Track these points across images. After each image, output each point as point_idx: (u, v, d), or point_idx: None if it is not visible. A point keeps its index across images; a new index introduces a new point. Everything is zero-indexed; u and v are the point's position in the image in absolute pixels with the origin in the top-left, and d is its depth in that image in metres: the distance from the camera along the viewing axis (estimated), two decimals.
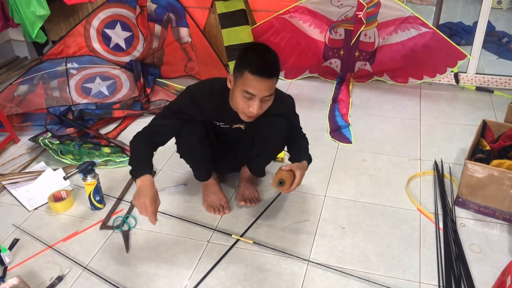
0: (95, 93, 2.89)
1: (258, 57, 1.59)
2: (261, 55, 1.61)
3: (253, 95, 1.60)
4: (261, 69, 1.56)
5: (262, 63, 1.58)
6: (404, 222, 1.92)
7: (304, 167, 1.83)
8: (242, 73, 1.59)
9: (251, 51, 1.64)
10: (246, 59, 1.60)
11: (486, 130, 2.22)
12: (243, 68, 1.59)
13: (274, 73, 1.61)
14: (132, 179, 1.67)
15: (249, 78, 1.57)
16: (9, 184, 2.16)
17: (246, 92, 1.60)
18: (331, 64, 3.18)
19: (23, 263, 1.74)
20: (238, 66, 1.62)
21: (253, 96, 1.60)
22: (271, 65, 1.60)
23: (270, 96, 1.64)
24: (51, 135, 2.46)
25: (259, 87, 1.58)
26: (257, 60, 1.58)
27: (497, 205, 1.90)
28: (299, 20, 3.01)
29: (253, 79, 1.57)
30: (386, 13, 2.88)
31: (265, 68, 1.57)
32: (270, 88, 1.61)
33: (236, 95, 1.64)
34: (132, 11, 3.04)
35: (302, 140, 1.96)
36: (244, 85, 1.59)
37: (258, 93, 1.59)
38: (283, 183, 1.73)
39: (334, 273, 1.68)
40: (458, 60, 2.95)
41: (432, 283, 1.63)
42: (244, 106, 1.64)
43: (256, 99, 1.61)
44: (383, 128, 2.63)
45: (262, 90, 1.59)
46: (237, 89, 1.63)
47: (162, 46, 3.14)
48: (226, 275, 1.68)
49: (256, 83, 1.57)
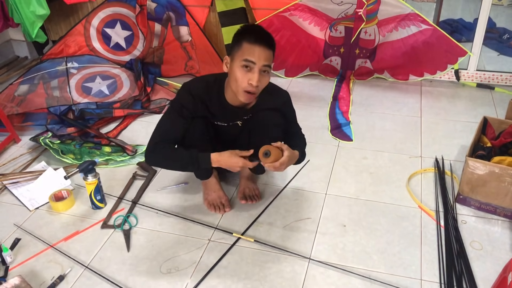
0: (96, 93, 2.89)
1: (254, 29, 1.67)
2: (257, 28, 1.69)
3: (253, 62, 1.62)
4: (259, 37, 1.62)
5: (259, 32, 1.65)
6: (405, 219, 1.92)
7: (295, 154, 1.81)
8: (240, 44, 1.64)
9: (246, 28, 1.70)
10: (243, 33, 1.66)
11: (487, 127, 2.21)
12: (240, 40, 1.64)
13: (271, 43, 1.65)
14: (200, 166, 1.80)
15: (247, 47, 1.62)
16: (10, 184, 2.16)
17: (245, 60, 1.62)
18: (331, 62, 3.17)
19: (24, 263, 1.74)
20: (234, 41, 1.68)
21: (252, 66, 1.62)
22: (267, 35, 1.66)
23: (268, 68, 1.66)
24: (52, 135, 2.46)
25: (258, 54, 1.61)
26: (253, 31, 1.65)
27: (498, 202, 1.90)
28: (299, 18, 3.01)
29: (252, 46, 1.61)
30: (386, 10, 2.88)
31: (262, 36, 1.63)
32: (269, 59, 1.64)
33: (235, 70, 1.66)
34: (132, 10, 3.04)
35: (299, 138, 1.97)
36: (243, 55, 1.62)
37: (257, 61, 1.61)
38: (268, 154, 1.67)
39: (335, 271, 1.68)
40: (458, 57, 2.95)
41: (433, 281, 1.63)
42: (243, 80, 1.65)
43: (255, 69, 1.63)
44: (383, 125, 2.63)
45: (261, 58, 1.62)
46: (236, 63, 1.65)
47: (162, 45, 3.14)
48: (227, 274, 1.68)
49: (254, 50, 1.61)
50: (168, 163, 1.85)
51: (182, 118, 1.79)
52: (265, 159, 1.68)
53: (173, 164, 1.84)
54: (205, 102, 1.79)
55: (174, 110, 1.81)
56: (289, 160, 1.75)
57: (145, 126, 2.68)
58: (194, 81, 1.85)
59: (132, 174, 2.24)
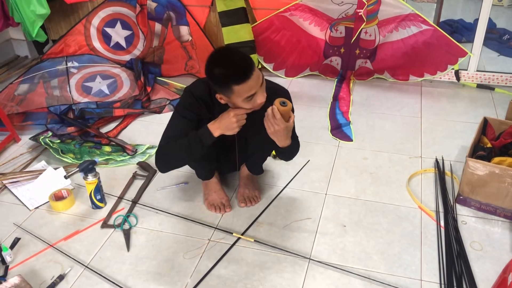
0: (96, 92, 2.89)
1: (230, 66, 1.58)
2: (230, 62, 1.59)
3: (254, 94, 1.62)
4: (241, 73, 1.57)
5: (237, 69, 1.57)
6: (405, 220, 1.92)
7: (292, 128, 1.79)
8: (231, 90, 1.60)
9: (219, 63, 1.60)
10: (222, 75, 1.58)
11: (487, 128, 2.21)
12: (227, 85, 1.59)
13: (252, 67, 1.59)
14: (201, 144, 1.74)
15: (238, 88, 1.58)
16: (10, 183, 2.16)
17: (248, 97, 1.62)
18: (331, 62, 3.17)
19: (24, 262, 1.74)
20: (220, 86, 1.62)
21: (254, 93, 1.62)
22: (244, 64, 1.58)
23: (263, 81, 1.66)
24: (52, 134, 2.46)
25: (252, 85, 1.60)
26: (233, 69, 1.57)
27: (498, 203, 1.90)
28: (299, 18, 3.01)
29: (243, 85, 1.58)
30: (386, 10, 2.88)
31: (243, 71, 1.57)
32: (259, 77, 1.63)
33: (239, 105, 1.66)
34: (132, 9, 3.04)
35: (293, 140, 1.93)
36: (241, 95, 1.61)
37: (255, 88, 1.61)
38: (286, 103, 1.66)
39: (335, 271, 1.68)
40: (459, 57, 2.94)
41: (433, 281, 1.63)
42: (252, 105, 1.66)
43: (257, 92, 1.63)
44: (384, 126, 2.63)
45: (257, 84, 1.61)
46: (237, 101, 1.64)
47: (163, 45, 3.14)
48: (227, 274, 1.68)
49: (248, 86, 1.59)
50: (175, 156, 1.79)
51: (187, 120, 1.77)
52: (284, 108, 1.66)
53: (180, 155, 1.77)
54: (208, 103, 1.78)
55: (178, 114, 1.79)
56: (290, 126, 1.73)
57: (145, 126, 2.68)
58: (196, 84, 1.84)
59: (132, 173, 2.23)
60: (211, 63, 1.61)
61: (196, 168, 2.05)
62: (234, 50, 1.64)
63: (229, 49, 1.65)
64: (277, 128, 1.68)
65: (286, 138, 1.74)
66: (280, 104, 1.66)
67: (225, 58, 1.61)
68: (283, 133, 1.71)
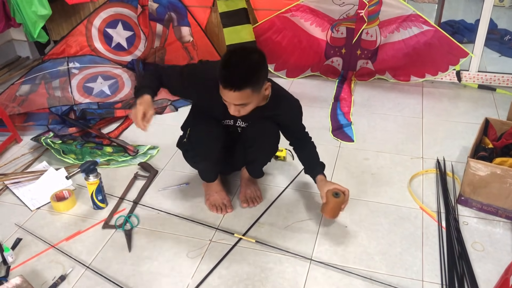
0: (97, 93, 2.89)
1: (225, 68, 1.58)
2: (230, 65, 1.58)
3: (227, 101, 1.64)
4: (225, 81, 1.58)
5: (226, 75, 1.57)
6: (407, 220, 1.92)
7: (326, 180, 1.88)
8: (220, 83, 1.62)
9: (225, 60, 1.60)
10: (220, 68, 1.59)
11: (488, 128, 2.21)
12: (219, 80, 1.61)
13: (238, 86, 1.56)
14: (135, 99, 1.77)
15: (221, 88, 1.60)
16: (12, 184, 2.16)
17: (223, 99, 1.65)
18: (332, 63, 3.17)
19: (26, 263, 1.74)
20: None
21: (229, 102, 1.64)
22: (236, 78, 1.57)
23: (245, 104, 1.64)
24: (53, 135, 2.46)
25: (229, 96, 1.61)
26: (223, 72, 1.58)
27: (500, 203, 1.90)
28: (300, 19, 3.01)
29: (223, 90, 1.60)
30: (387, 11, 2.88)
31: (228, 81, 1.57)
32: (241, 99, 1.61)
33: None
34: (133, 10, 3.04)
35: (310, 146, 1.96)
36: (221, 92, 1.63)
37: (230, 101, 1.63)
38: (339, 195, 1.78)
39: (337, 272, 1.68)
40: (460, 58, 2.94)
41: (435, 282, 1.63)
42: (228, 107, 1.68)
43: (230, 104, 1.64)
44: (385, 126, 2.63)
45: (233, 100, 1.62)
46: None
47: (164, 46, 3.14)
48: (229, 274, 1.68)
49: (225, 93, 1.60)
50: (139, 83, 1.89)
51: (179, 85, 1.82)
52: (338, 198, 1.78)
53: (137, 86, 1.81)
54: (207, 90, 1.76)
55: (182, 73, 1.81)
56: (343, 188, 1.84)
57: None
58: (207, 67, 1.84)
59: (133, 174, 2.24)
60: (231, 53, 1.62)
61: (202, 170, 2.02)
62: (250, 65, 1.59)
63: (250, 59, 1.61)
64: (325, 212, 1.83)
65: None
66: (333, 195, 1.78)
67: (236, 60, 1.59)
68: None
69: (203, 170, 2.01)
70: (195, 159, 2.02)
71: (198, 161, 2.00)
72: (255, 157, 1.96)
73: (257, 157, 1.96)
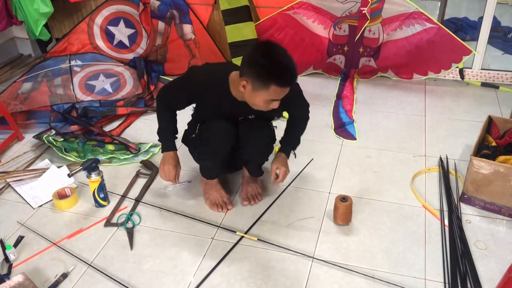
0: (99, 90, 2.89)
1: (282, 68, 1.58)
2: (283, 65, 1.59)
3: (278, 100, 1.65)
4: (289, 81, 1.61)
5: (288, 75, 1.60)
6: (409, 219, 1.91)
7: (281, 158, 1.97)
8: (267, 86, 1.59)
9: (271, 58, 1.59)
10: (269, 71, 1.57)
11: (491, 126, 2.20)
12: (269, 81, 1.58)
13: (296, 78, 1.66)
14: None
15: (275, 89, 1.60)
16: (14, 182, 2.17)
17: (271, 100, 1.65)
18: (335, 60, 3.16)
19: (28, 260, 1.74)
20: (259, 76, 1.59)
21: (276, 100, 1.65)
22: (294, 73, 1.62)
23: None
24: (55, 133, 2.46)
25: (283, 93, 1.63)
26: (283, 73, 1.58)
27: (503, 202, 1.89)
28: (303, 16, 3.00)
29: (280, 90, 1.61)
30: (390, 8, 2.87)
31: (291, 79, 1.62)
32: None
33: (258, 100, 1.66)
34: (135, 8, 3.04)
35: (299, 124, 2.05)
36: (269, 96, 1.63)
37: (280, 97, 1.65)
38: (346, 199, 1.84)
39: (339, 270, 1.68)
40: (463, 55, 2.93)
41: (438, 280, 1.63)
42: (265, 107, 1.68)
43: (277, 101, 1.66)
44: (387, 124, 2.62)
45: (286, 92, 1.65)
46: (260, 96, 1.64)
47: (166, 43, 3.14)
48: (231, 272, 1.68)
49: (281, 92, 1.62)
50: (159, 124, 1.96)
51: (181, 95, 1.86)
52: (343, 203, 1.83)
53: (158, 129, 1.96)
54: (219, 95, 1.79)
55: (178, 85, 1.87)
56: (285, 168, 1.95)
57: (148, 124, 2.68)
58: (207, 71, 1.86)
59: (135, 172, 2.24)
60: (263, 54, 1.60)
61: (207, 168, 2.00)
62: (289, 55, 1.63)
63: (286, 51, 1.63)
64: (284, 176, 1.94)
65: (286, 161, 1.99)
66: (340, 200, 1.82)
67: (283, 55, 1.61)
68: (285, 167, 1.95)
69: (208, 168, 1.99)
70: (202, 156, 1.97)
71: (204, 159, 1.97)
72: (249, 157, 1.97)
73: (251, 157, 1.97)
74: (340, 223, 1.87)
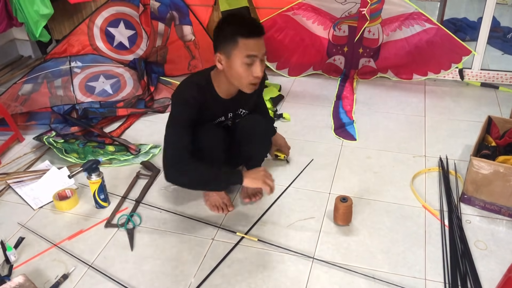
0: (99, 92, 2.89)
1: (243, 21, 1.63)
2: (243, 19, 1.65)
3: (255, 56, 1.63)
4: (253, 29, 1.62)
5: (251, 24, 1.63)
6: (409, 219, 1.92)
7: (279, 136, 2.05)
8: (236, 42, 1.61)
9: (231, 20, 1.66)
10: (232, 28, 1.62)
11: (491, 126, 2.21)
12: (234, 37, 1.61)
13: (262, 31, 1.65)
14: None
15: (244, 42, 1.61)
16: (14, 183, 2.17)
17: (247, 56, 1.62)
18: (335, 61, 3.17)
19: (28, 262, 1.75)
20: (225, 39, 1.63)
21: (255, 59, 1.63)
22: (258, 23, 1.66)
23: (264, 57, 1.68)
24: (56, 134, 2.46)
25: (257, 46, 1.62)
26: (244, 24, 1.62)
27: (503, 202, 1.89)
28: (302, 17, 3.00)
29: (249, 41, 1.61)
30: (390, 9, 2.87)
31: (256, 27, 1.63)
32: (264, 47, 1.65)
33: (236, 68, 1.65)
34: (135, 9, 3.04)
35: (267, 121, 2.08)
36: (242, 52, 1.62)
37: (259, 52, 1.63)
38: (346, 200, 1.84)
39: (339, 270, 1.68)
40: (462, 56, 2.93)
41: (438, 280, 1.63)
42: (247, 75, 1.66)
43: (257, 60, 1.64)
44: (387, 125, 2.62)
45: (261, 48, 1.63)
46: (236, 61, 1.64)
47: (166, 44, 3.14)
48: (231, 273, 1.68)
49: (254, 44, 1.61)
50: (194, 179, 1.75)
51: (190, 129, 1.74)
52: (343, 204, 1.82)
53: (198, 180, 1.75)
54: (202, 105, 1.76)
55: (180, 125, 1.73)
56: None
57: (148, 126, 2.68)
58: (185, 90, 1.76)
59: (135, 173, 2.24)
60: (224, 21, 1.66)
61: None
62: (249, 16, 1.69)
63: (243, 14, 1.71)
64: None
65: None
66: (340, 200, 1.82)
67: (239, 17, 1.68)
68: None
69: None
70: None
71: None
72: (250, 152, 1.97)
73: (252, 151, 1.96)
74: (340, 223, 1.87)
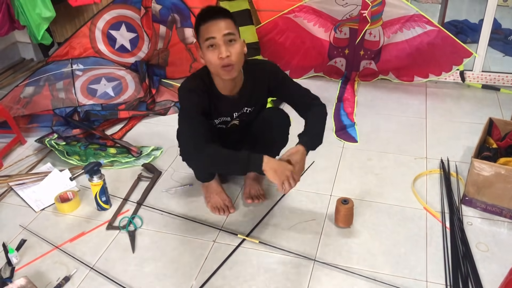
0: (101, 94, 2.90)
1: (203, 10, 1.67)
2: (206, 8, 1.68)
3: (213, 38, 1.63)
4: (209, 13, 1.64)
5: (208, 9, 1.67)
6: (411, 221, 1.91)
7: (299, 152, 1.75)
8: (198, 30, 1.66)
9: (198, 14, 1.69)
10: (196, 20, 1.68)
11: (492, 128, 2.21)
12: (197, 27, 1.66)
13: (222, 12, 1.66)
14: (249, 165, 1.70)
15: (203, 28, 1.64)
16: (16, 185, 2.17)
17: (207, 40, 1.64)
18: (336, 63, 3.17)
19: (30, 264, 1.75)
20: (195, 33, 1.70)
21: (215, 42, 1.63)
22: (215, 8, 1.69)
23: (233, 36, 1.65)
24: (57, 136, 2.47)
25: (214, 28, 1.62)
26: (202, 11, 1.66)
27: (504, 204, 1.89)
28: (303, 20, 3.01)
29: (207, 25, 1.63)
30: (391, 11, 2.87)
31: (210, 11, 1.66)
32: (228, 27, 1.64)
33: (205, 55, 1.67)
34: (136, 12, 3.05)
35: (313, 108, 1.90)
36: (203, 37, 1.64)
37: (217, 34, 1.62)
38: (347, 201, 1.83)
39: (341, 272, 1.68)
40: (464, 58, 2.93)
41: (439, 282, 1.63)
42: (215, 59, 1.65)
43: (219, 43, 1.63)
44: (388, 127, 2.63)
45: (220, 29, 1.62)
46: (203, 49, 1.67)
47: (167, 47, 3.15)
48: (232, 275, 1.68)
49: (210, 27, 1.62)
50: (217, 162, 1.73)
51: (202, 117, 1.75)
52: (344, 206, 1.82)
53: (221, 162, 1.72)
54: (209, 97, 1.77)
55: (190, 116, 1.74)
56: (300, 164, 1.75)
57: (150, 128, 2.68)
58: (190, 81, 1.78)
59: (137, 175, 2.24)
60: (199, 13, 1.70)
61: (196, 170, 2.03)
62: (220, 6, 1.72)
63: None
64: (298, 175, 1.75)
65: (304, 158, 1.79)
66: (342, 202, 1.82)
67: (208, 7, 1.70)
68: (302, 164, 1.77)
69: (197, 170, 2.02)
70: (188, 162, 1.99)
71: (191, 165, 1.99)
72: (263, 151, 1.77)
73: (266, 149, 1.82)
74: (342, 225, 1.87)
